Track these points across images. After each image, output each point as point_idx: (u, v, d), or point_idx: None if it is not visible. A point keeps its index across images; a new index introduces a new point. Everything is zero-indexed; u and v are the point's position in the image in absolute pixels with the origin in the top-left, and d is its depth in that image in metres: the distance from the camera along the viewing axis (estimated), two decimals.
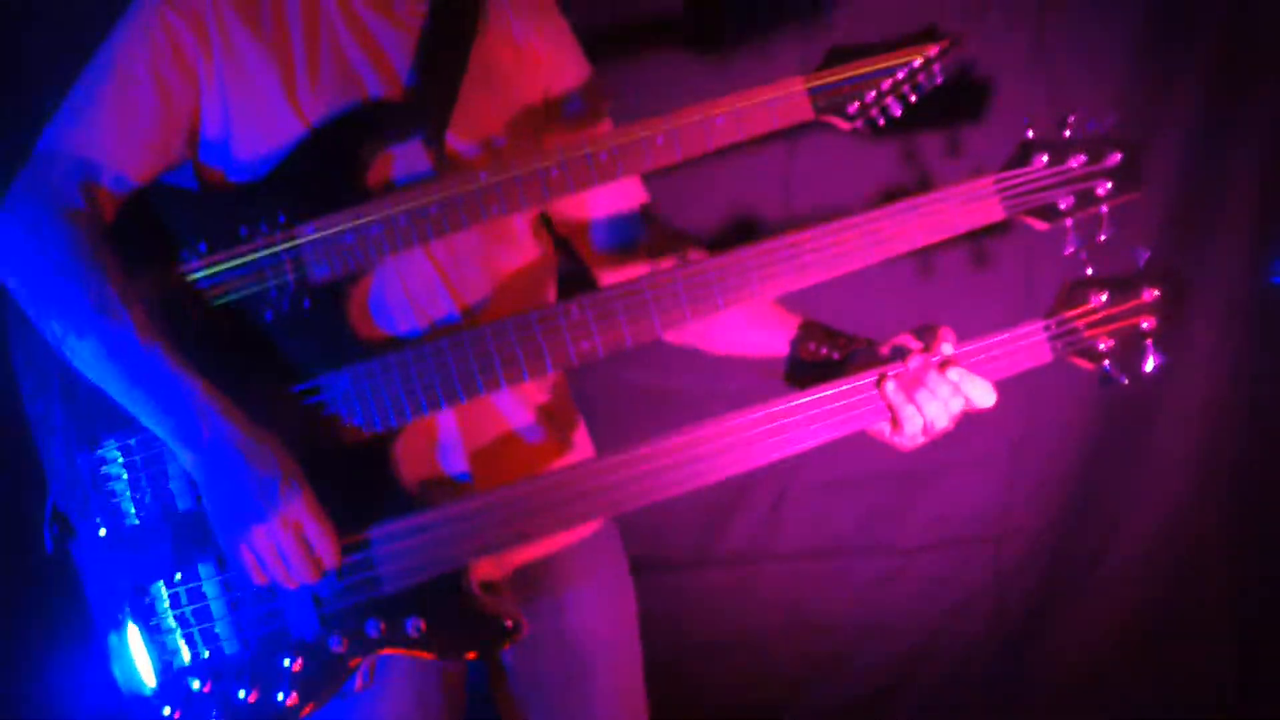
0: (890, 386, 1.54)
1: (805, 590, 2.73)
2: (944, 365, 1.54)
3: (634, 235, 1.81)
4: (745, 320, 1.72)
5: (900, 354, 1.56)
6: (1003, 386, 2.58)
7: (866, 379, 1.55)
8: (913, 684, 2.80)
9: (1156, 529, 2.73)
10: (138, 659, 1.51)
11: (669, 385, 2.49)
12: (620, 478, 1.54)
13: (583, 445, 1.84)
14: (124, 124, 1.53)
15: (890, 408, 1.55)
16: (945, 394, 1.54)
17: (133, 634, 1.51)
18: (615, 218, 1.81)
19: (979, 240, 2.49)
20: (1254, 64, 2.49)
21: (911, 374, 1.53)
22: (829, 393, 1.55)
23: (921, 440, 1.58)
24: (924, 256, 2.48)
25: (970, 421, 2.60)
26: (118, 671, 1.52)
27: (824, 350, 1.67)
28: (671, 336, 1.70)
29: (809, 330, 1.70)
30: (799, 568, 2.72)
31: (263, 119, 1.56)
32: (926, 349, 1.55)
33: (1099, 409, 2.68)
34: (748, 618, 2.73)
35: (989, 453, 2.69)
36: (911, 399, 1.53)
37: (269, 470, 1.44)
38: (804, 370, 1.68)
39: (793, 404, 1.54)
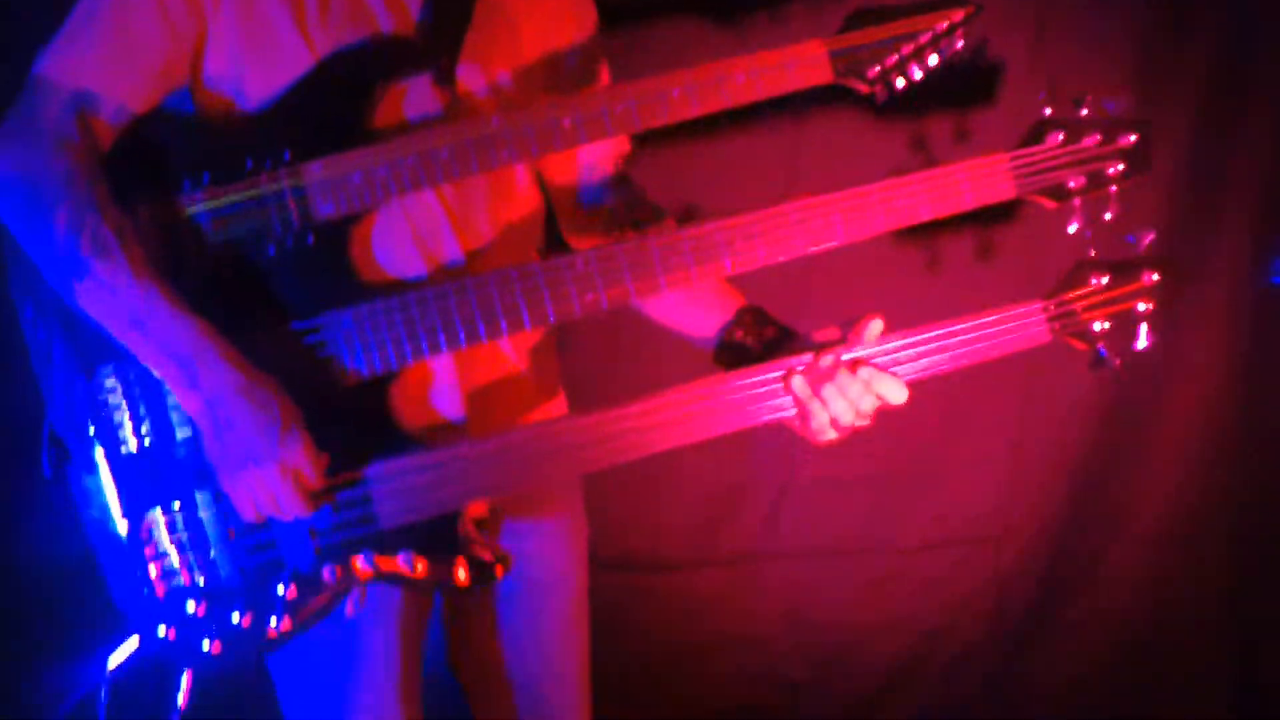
0: (797, 381, 1.55)
1: (805, 590, 2.73)
2: (855, 365, 1.54)
3: (606, 201, 1.80)
4: (684, 296, 1.70)
5: (816, 346, 1.57)
6: (1003, 386, 2.62)
7: (773, 372, 1.57)
8: (913, 684, 2.80)
9: (1156, 529, 2.73)
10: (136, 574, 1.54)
11: (650, 373, 2.47)
12: (610, 430, 1.56)
13: (560, 398, 1.85)
14: (126, 51, 1.50)
15: (796, 402, 1.55)
16: (854, 392, 1.54)
17: (133, 552, 1.53)
18: (597, 183, 1.80)
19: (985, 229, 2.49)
20: (1254, 63, 2.50)
21: (821, 370, 1.54)
22: (735, 383, 1.57)
23: (834, 435, 1.58)
24: (931, 246, 2.48)
25: (970, 422, 2.65)
26: (114, 587, 1.55)
27: (748, 339, 1.68)
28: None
29: (741, 316, 1.69)
30: (799, 568, 2.72)
31: (270, 49, 1.53)
32: (844, 341, 1.56)
33: (1099, 409, 2.68)
34: (748, 618, 2.73)
35: (989, 453, 2.69)
36: (817, 394, 1.54)
37: (268, 415, 1.44)
38: (728, 355, 1.69)
39: (696, 391, 1.56)
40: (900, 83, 1.59)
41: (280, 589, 1.53)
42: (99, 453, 1.53)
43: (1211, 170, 2.55)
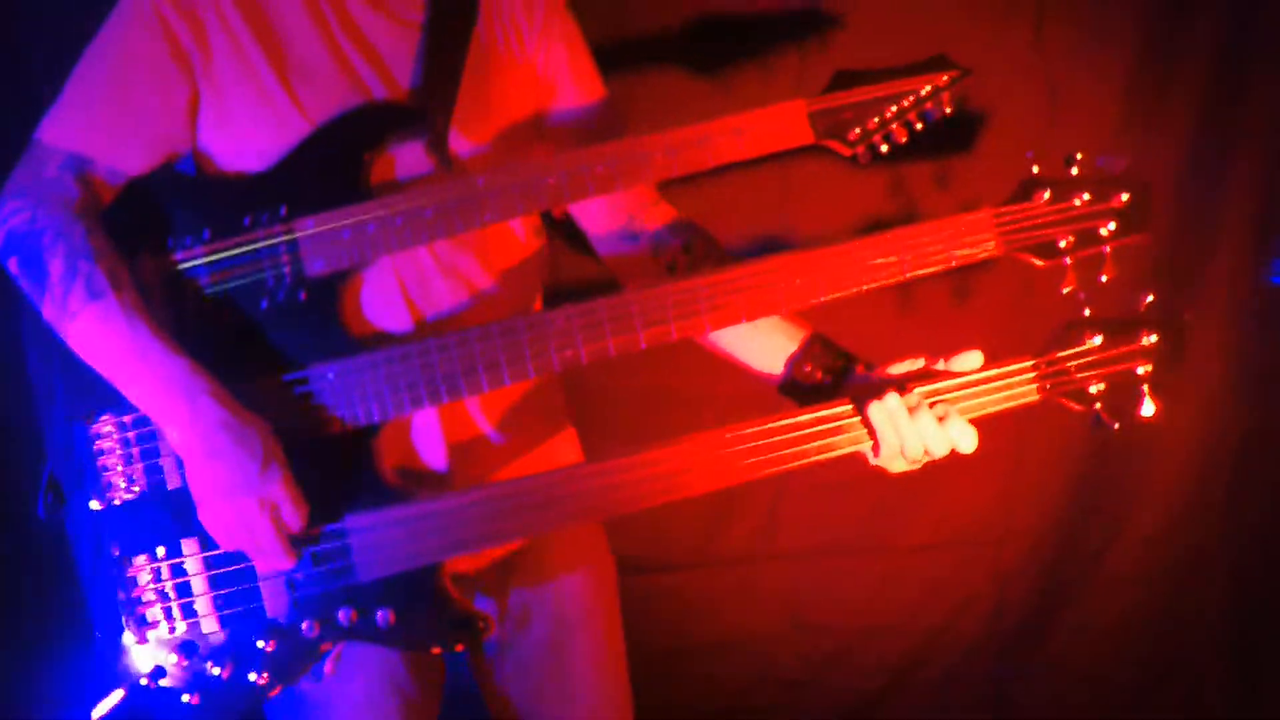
0: (873, 412, 1.53)
1: (805, 590, 2.73)
2: (934, 402, 1.53)
3: (643, 225, 1.79)
4: (751, 326, 1.68)
5: (890, 383, 1.55)
6: None
7: (846, 406, 1.54)
8: (913, 684, 2.80)
9: (1156, 529, 2.73)
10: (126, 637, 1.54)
11: (663, 384, 2.49)
12: (597, 485, 1.55)
13: (567, 451, 1.84)
14: (118, 118, 1.55)
15: (871, 434, 1.54)
16: (929, 431, 1.52)
17: (121, 597, 1.54)
18: (623, 205, 1.79)
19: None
20: (1254, 63, 2.50)
21: (896, 405, 1.52)
22: (805, 418, 1.54)
23: (905, 467, 1.56)
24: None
25: (970, 422, 2.63)
26: (100, 632, 1.55)
27: (816, 372, 1.65)
28: None
29: (809, 348, 1.67)
30: (799, 568, 2.72)
31: (264, 114, 1.56)
32: (923, 377, 1.55)
33: None
34: (748, 618, 2.73)
35: (989, 453, 2.67)
36: (895, 429, 1.52)
37: (251, 450, 1.46)
38: (797, 388, 1.67)
39: (769, 426, 1.54)
40: (884, 147, 1.58)
41: (260, 643, 1.53)
42: (91, 498, 1.54)
43: (1212, 170, 2.55)
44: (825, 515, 2.69)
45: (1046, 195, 1.55)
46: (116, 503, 1.54)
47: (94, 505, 1.54)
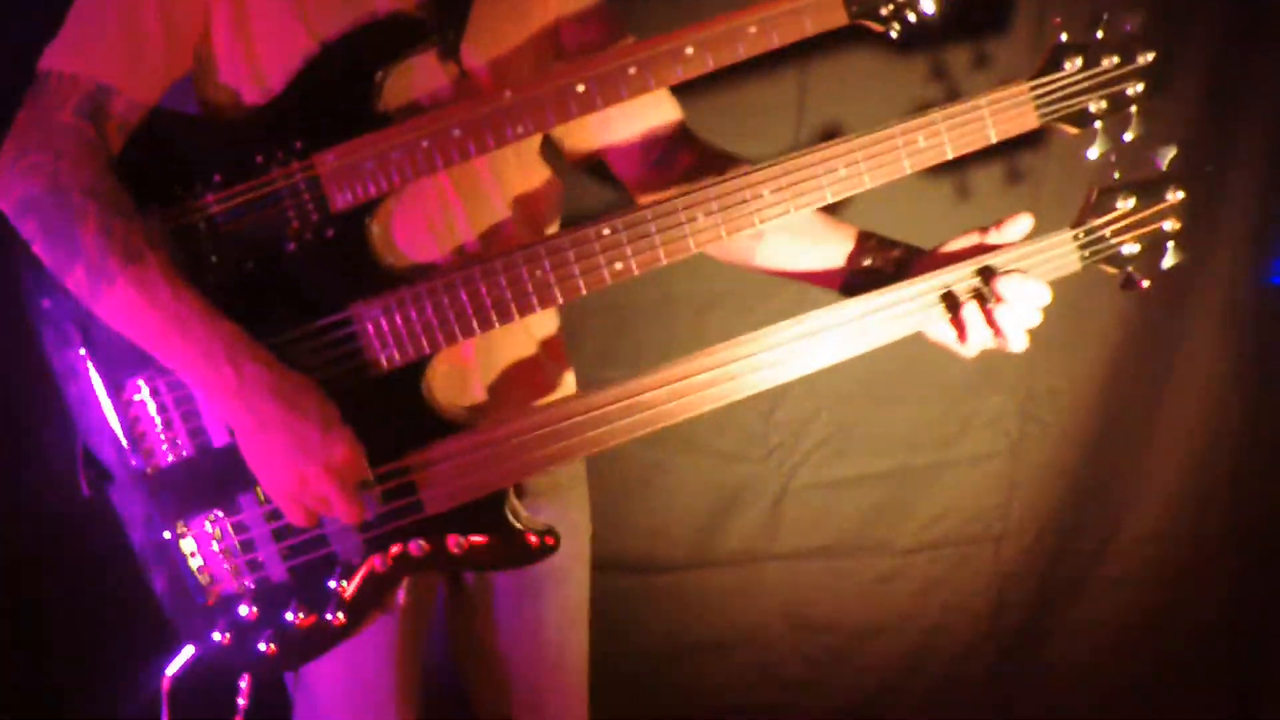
0: (970, 311, 1.52)
1: (805, 590, 2.72)
2: (1003, 274, 1.53)
3: (672, 151, 1.77)
4: (801, 235, 1.68)
5: (961, 259, 1.56)
6: (1003, 386, 2.62)
7: (933, 283, 1.54)
8: (913, 684, 2.80)
9: (1156, 529, 2.73)
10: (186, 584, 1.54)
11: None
12: (665, 394, 1.53)
13: (569, 383, 1.83)
14: (134, 42, 1.47)
15: (956, 322, 1.54)
16: (1023, 298, 1.52)
17: (180, 562, 1.53)
18: (649, 135, 1.76)
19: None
20: (1254, 63, 2.49)
21: (974, 287, 1.53)
22: (890, 296, 1.54)
23: (991, 345, 1.56)
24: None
25: (970, 420, 2.64)
26: (164, 599, 1.55)
27: (877, 263, 1.65)
28: (715, 252, 1.67)
29: (865, 242, 1.66)
30: (799, 568, 2.71)
31: (271, 36, 1.51)
32: (995, 249, 1.55)
33: (1099, 409, 2.67)
34: (748, 618, 2.73)
35: (989, 453, 2.69)
36: (985, 310, 1.52)
37: (308, 416, 1.42)
38: (861, 283, 1.65)
39: (868, 303, 1.54)
40: (912, 18, 1.55)
41: (332, 584, 1.52)
42: (135, 467, 1.52)
43: (1211, 170, 2.55)
44: (825, 515, 2.69)
45: (1080, 62, 1.56)
46: (163, 468, 1.51)
47: (141, 472, 1.51)
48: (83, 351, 1.50)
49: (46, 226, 1.42)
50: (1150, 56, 1.56)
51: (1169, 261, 1.61)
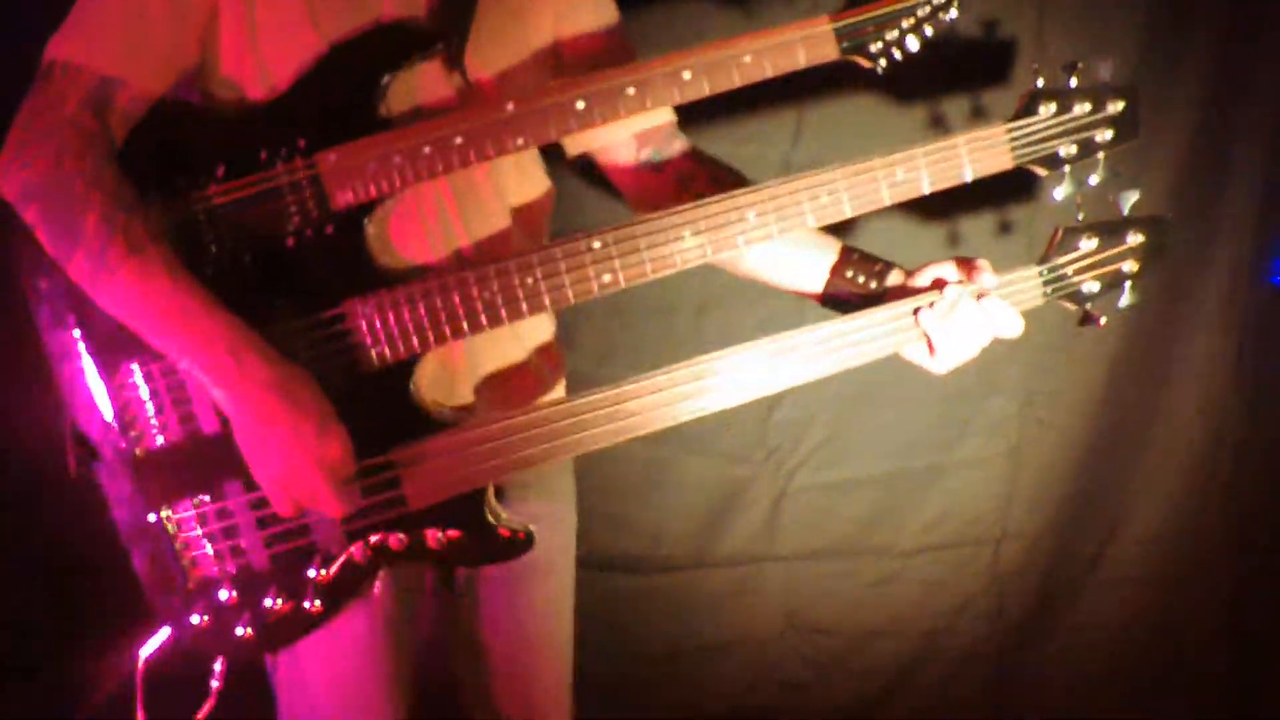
0: (926, 316, 1.62)
1: (805, 591, 2.72)
2: (980, 296, 1.62)
3: (663, 150, 1.80)
4: (786, 245, 1.72)
5: (937, 284, 1.65)
6: (1003, 387, 2.62)
7: (904, 308, 1.63)
8: (912, 685, 2.79)
9: (1156, 530, 2.73)
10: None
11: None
12: (648, 401, 1.60)
13: (560, 383, 1.85)
14: (140, 34, 1.48)
15: (926, 336, 1.63)
16: (977, 323, 1.62)
17: (163, 545, 1.56)
18: (641, 133, 1.79)
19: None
20: (1255, 62, 2.50)
21: (948, 303, 1.62)
22: (862, 321, 1.63)
23: (951, 365, 1.65)
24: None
25: (970, 422, 2.64)
26: (145, 580, 1.57)
27: (861, 279, 1.72)
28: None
29: (849, 256, 1.73)
30: (799, 569, 2.71)
31: (280, 33, 1.52)
32: (964, 279, 1.64)
33: (1098, 410, 2.68)
34: (748, 619, 2.73)
35: (988, 454, 2.69)
36: (947, 327, 1.61)
37: (304, 412, 1.44)
38: (844, 295, 1.73)
39: (839, 327, 1.63)
40: (898, 55, 1.61)
41: (311, 573, 1.55)
42: (124, 449, 1.53)
43: (1211, 170, 2.55)
44: (825, 516, 2.69)
45: (1053, 108, 1.63)
46: (152, 450, 1.53)
47: (130, 453, 1.53)
48: (77, 333, 1.52)
49: (49, 216, 1.43)
50: (1120, 106, 1.63)
51: (1126, 301, 1.70)
